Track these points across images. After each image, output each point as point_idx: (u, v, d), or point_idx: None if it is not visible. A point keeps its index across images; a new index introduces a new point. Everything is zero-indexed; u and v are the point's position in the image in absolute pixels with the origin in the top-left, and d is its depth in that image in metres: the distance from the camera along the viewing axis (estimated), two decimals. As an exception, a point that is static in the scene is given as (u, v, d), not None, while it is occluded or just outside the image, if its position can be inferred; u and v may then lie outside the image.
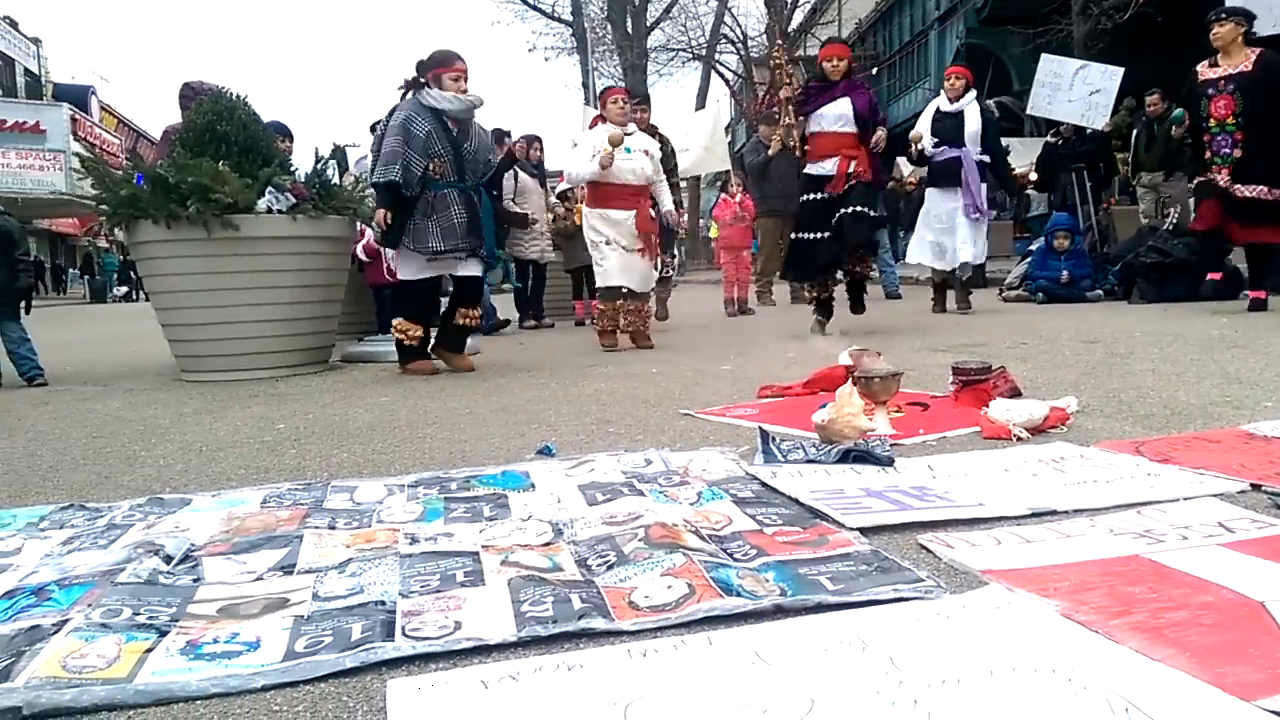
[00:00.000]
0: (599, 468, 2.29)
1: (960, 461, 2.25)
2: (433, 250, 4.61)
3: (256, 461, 2.68)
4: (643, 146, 5.69)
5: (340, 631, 1.32)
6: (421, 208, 4.60)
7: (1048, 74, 8.66)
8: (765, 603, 1.36)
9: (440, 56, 4.70)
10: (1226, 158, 5.70)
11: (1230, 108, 5.66)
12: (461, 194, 4.69)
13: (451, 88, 4.62)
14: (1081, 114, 8.47)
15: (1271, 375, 3.35)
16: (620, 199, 5.57)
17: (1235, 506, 1.76)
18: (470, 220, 4.69)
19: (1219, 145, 5.73)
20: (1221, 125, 5.72)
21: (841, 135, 5.56)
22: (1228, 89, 5.70)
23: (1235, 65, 5.71)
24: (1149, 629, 1.22)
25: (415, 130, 4.53)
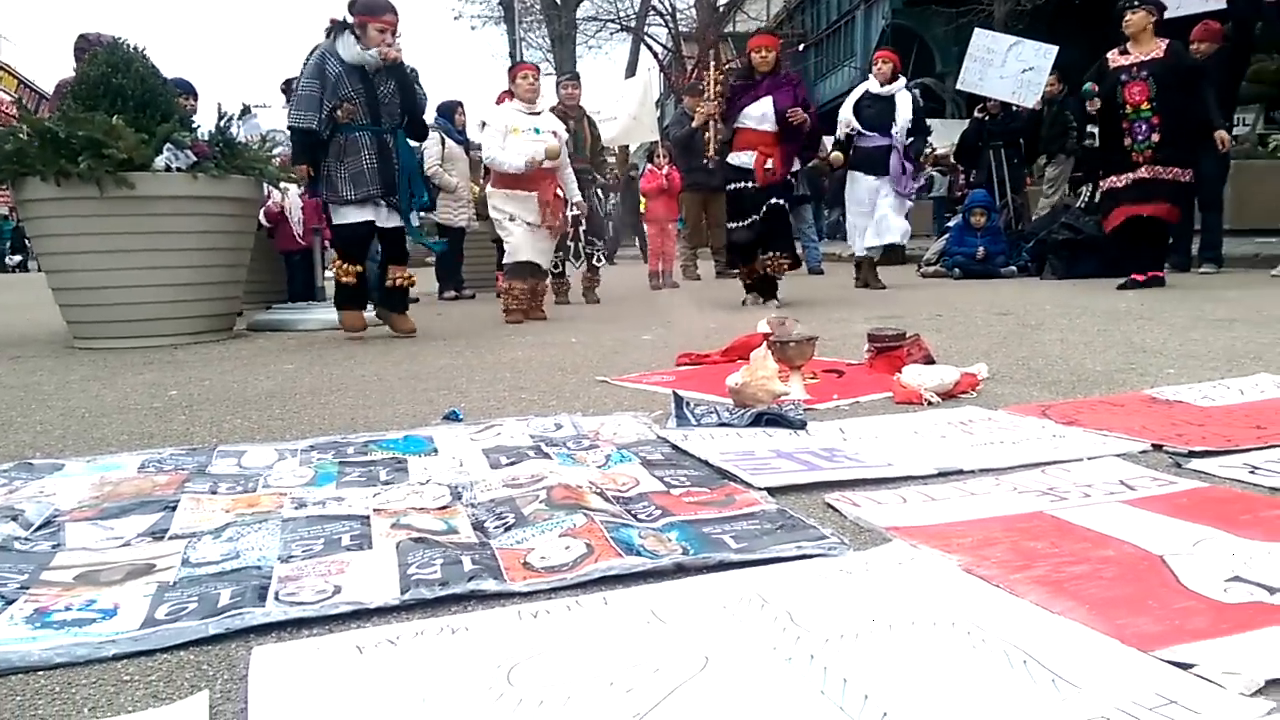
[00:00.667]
0: (506, 432, 2.21)
1: (871, 424, 2.23)
2: (343, 199, 4.50)
3: (142, 428, 2.52)
4: (550, 127, 5.55)
5: (207, 597, 1.23)
6: (334, 152, 4.49)
7: (980, 49, 8.68)
8: (665, 561, 1.30)
9: (369, 3, 4.49)
10: (1144, 143, 5.81)
11: (1145, 94, 5.78)
12: (375, 138, 4.53)
13: (375, 39, 4.45)
14: (1013, 91, 8.52)
15: (1174, 345, 3.43)
16: (525, 181, 5.41)
17: (1137, 465, 1.77)
18: (382, 165, 4.53)
19: (1137, 131, 5.84)
20: (1138, 111, 5.83)
21: (760, 133, 5.66)
22: (1141, 75, 5.81)
23: (1147, 52, 5.83)
24: (1050, 582, 1.20)
25: (329, 71, 4.39)
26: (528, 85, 5.54)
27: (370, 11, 4.47)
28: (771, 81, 5.67)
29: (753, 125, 5.67)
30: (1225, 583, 1.18)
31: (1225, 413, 2.20)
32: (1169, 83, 5.75)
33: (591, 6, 27.42)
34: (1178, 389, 2.47)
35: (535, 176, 5.42)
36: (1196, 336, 3.62)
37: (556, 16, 25.57)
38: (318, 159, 4.51)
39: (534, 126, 5.42)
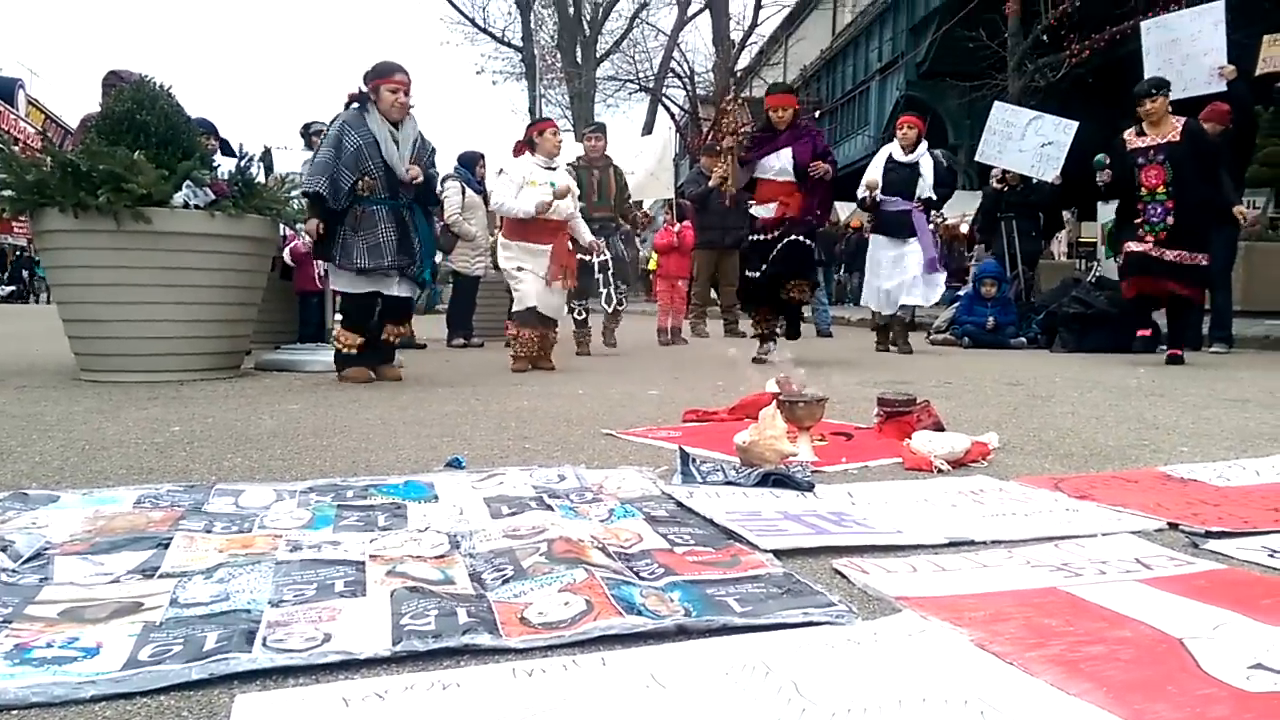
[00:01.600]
0: (508, 481, 2.18)
1: (880, 490, 2.19)
2: (358, 267, 4.56)
3: (141, 462, 2.49)
4: (565, 183, 5.62)
5: (192, 640, 1.19)
6: (350, 222, 4.56)
7: (1000, 122, 8.77)
8: (667, 623, 1.26)
9: (381, 68, 4.62)
10: (1157, 225, 5.83)
11: (1161, 177, 5.81)
12: (392, 211, 4.64)
13: (389, 99, 4.57)
14: (1031, 165, 8.59)
15: (1187, 422, 3.39)
16: (539, 234, 5.50)
17: (1153, 544, 1.72)
18: (400, 239, 4.63)
19: (1150, 214, 5.86)
20: (1153, 194, 5.86)
21: (780, 184, 5.70)
22: (1157, 159, 5.84)
23: (1163, 135, 5.87)
24: (1065, 662, 1.15)
25: (347, 143, 4.49)
26: (556, 142, 5.63)
27: (381, 75, 4.59)
28: (791, 133, 5.71)
29: (772, 177, 5.71)
30: (1248, 670, 1.13)
31: (1242, 493, 2.15)
32: (1185, 166, 5.78)
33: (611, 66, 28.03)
34: (1192, 467, 2.43)
35: (547, 229, 5.48)
36: (1209, 415, 3.58)
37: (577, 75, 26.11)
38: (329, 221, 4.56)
39: (550, 181, 5.49)
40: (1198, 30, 6.98)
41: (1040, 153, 8.44)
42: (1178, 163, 5.78)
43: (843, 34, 27.39)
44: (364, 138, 4.50)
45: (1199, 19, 7.13)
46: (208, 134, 6.09)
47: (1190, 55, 7.00)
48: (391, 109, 4.57)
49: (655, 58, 27.56)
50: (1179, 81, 6.72)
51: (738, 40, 25.60)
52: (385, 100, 4.57)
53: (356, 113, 4.58)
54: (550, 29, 28.21)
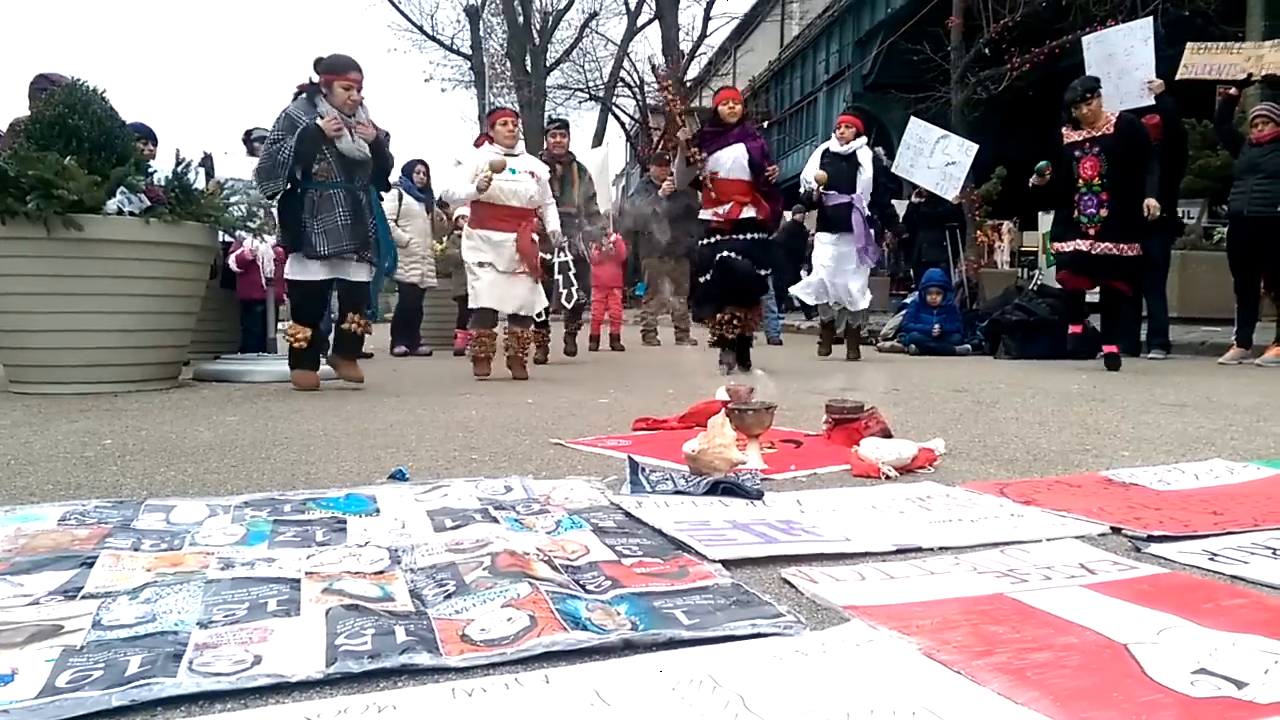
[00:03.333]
0: (453, 493, 2.13)
1: (829, 497, 2.19)
2: (318, 254, 4.60)
3: (69, 477, 2.40)
4: (528, 168, 5.60)
5: (114, 665, 1.13)
6: (307, 208, 4.59)
7: (913, 137, 8.93)
8: (613, 637, 1.23)
9: (335, 62, 4.67)
10: (1093, 217, 5.96)
11: (1096, 169, 5.95)
12: (347, 194, 4.66)
13: (342, 96, 4.62)
14: (936, 183, 8.75)
15: (1127, 427, 3.46)
16: (501, 220, 5.45)
17: (1096, 549, 1.74)
18: (355, 222, 4.66)
19: (1085, 205, 6.00)
20: (1089, 185, 5.99)
21: (735, 182, 5.60)
22: (1093, 151, 5.99)
23: (1098, 129, 6.01)
24: (1012, 670, 1.15)
25: (299, 121, 4.53)
26: (508, 131, 5.60)
27: (335, 70, 4.63)
28: (741, 130, 5.67)
29: (724, 174, 5.60)
30: (1192, 675, 1.13)
31: (1181, 497, 2.19)
32: (1120, 158, 5.93)
33: (561, 75, 28.02)
34: (1134, 471, 2.47)
35: (510, 216, 5.43)
36: (1149, 420, 3.65)
37: (526, 83, 26.04)
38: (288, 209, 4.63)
39: (510, 167, 5.45)
40: (1130, 45, 7.18)
41: (944, 171, 8.61)
42: (1112, 154, 5.92)
43: (790, 46, 27.70)
44: (311, 118, 4.55)
45: (1131, 34, 7.33)
46: (144, 139, 5.94)
47: (1125, 69, 7.20)
48: (345, 104, 4.63)
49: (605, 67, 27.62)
50: (1116, 94, 6.89)
51: (687, 50, 25.74)
52: (338, 97, 4.62)
53: (305, 102, 4.62)
54: (500, 37, 28.12)
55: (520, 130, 5.80)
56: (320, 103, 4.60)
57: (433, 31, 28.04)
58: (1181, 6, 12.28)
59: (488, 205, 5.43)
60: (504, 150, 5.56)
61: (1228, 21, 11.88)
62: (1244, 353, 6.85)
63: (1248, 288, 6.94)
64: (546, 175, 5.88)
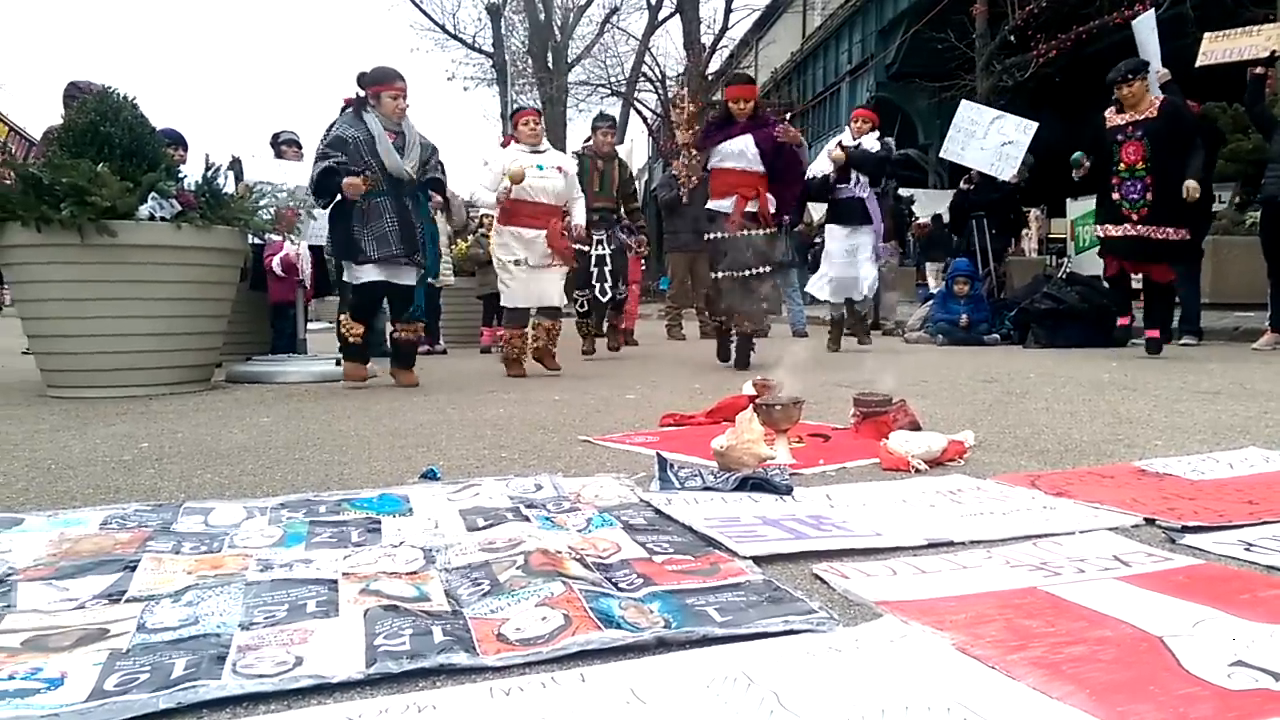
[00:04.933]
0: (484, 492, 2.15)
1: (858, 491, 2.19)
2: (370, 258, 4.77)
3: (108, 481, 2.44)
4: (556, 164, 5.68)
5: (160, 667, 1.16)
6: (356, 216, 4.76)
7: (965, 120, 8.84)
8: (646, 635, 1.24)
9: (380, 73, 4.85)
10: (1136, 203, 5.85)
11: (1140, 153, 5.84)
12: (394, 202, 4.83)
13: (390, 105, 4.81)
14: (991, 163, 8.67)
15: (1160, 416, 3.42)
16: (531, 217, 5.52)
17: (1130, 540, 1.73)
18: (403, 228, 4.83)
19: (1128, 190, 5.89)
20: (1132, 170, 5.88)
21: (739, 173, 5.36)
22: (1136, 135, 5.87)
23: (1141, 112, 5.89)
24: (1047, 664, 1.15)
25: (348, 139, 4.71)
26: (529, 130, 5.68)
27: (381, 81, 4.82)
28: (750, 122, 5.39)
29: (731, 164, 5.38)
30: (1229, 667, 1.13)
31: (1216, 486, 2.17)
32: (1164, 143, 5.80)
33: (583, 71, 28.01)
34: (1167, 461, 2.44)
35: (538, 212, 5.50)
36: (1182, 408, 3.61)
37: (548, 80, 26.06)
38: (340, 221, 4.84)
39: (537, 164, 5.55)
40: (1143, 39, 7.10)
41: (1000, 151, 8.52)
42: (1156, 139, 5.80)
43: (812, 37, 27.50)
44: (361, 134, 4.73)
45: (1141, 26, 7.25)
46: (174, 144, 6.01)
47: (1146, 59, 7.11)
48: (394, 113, 4.82)
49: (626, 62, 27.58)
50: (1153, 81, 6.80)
51: (708, 44, 25.65)
52: (387, 106, 4.80)
53: (351, 115, 4.80)
54: (521, 34, 28.14)
55: (543, 128, 5.86)
56: (367, 116, 4.76)
57: (454, 30, 28.11)
58: (1211, -12, 12.07)
59: (517, 202, 5.49)
60: (529, 148, 5.63)
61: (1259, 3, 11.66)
62: (1278, 338, 6.75)
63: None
64: (574, 170, 5.92)
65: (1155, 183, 5.80)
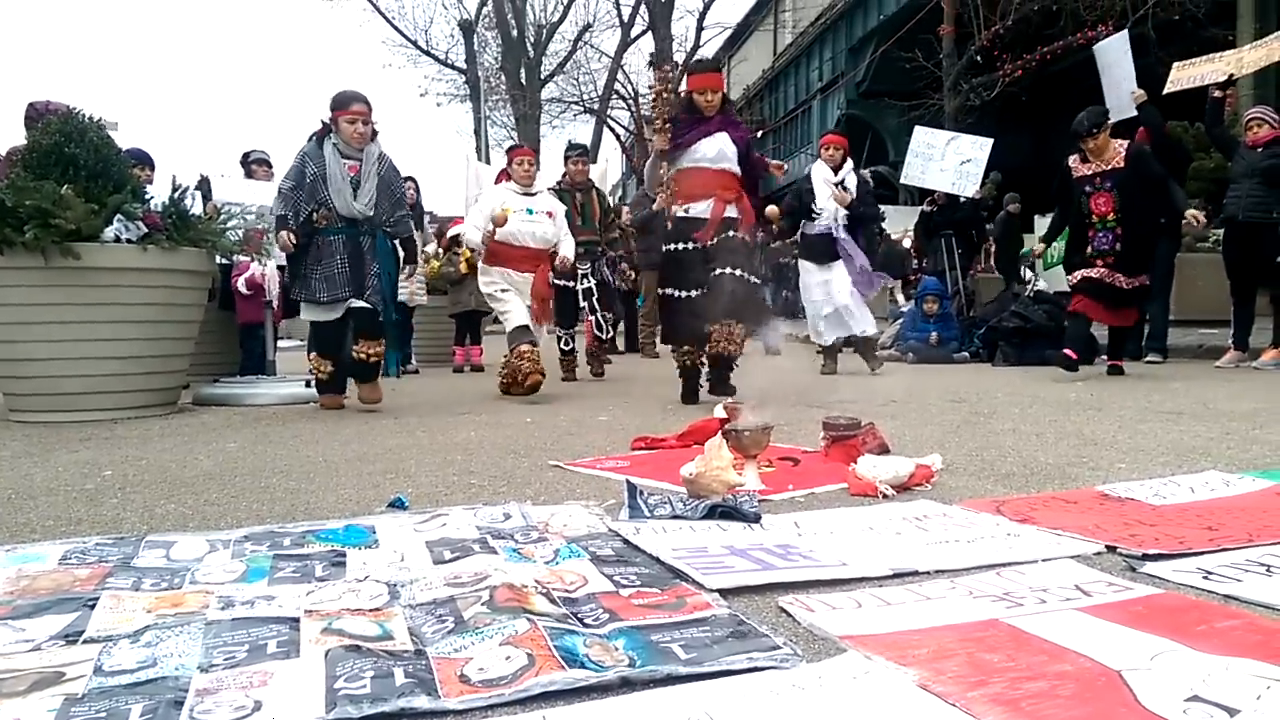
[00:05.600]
0: (452, 522, 2.14)
1: (826, 519, 2.20)
2: (318, 300, 4.69)
3: (69, 512, 2.41)
4: (546, 208, 5.66)
5: (116, 714, 1.14)
6: (311, 254, 4.69)
7: (921, 145, 9.03)
8: (610, 675, 1.24)
9: (339, 99, 4.73)
10: (1107, 252, 5.92)
11: (1110, 205, 5.89)
12: (349, 240, 4.72)
13: (348, 130, 4.68)
14: (953, 182, 8.83)
15: (1125, 437, 3.47)
16: (519, 261, 5.53)
17: (1092, 569, 1.75)
18: (353, 268, 4.71)
19: (1100, 241, 5.95)
20: (1103, 221, 5.93)
21: (717, 173, 4.68)
22: (1105, 186, 5.92)
23: (1108, 162, 5.92)
24: (1006, 701, 1.16)
25: (307, 173, 4.64)
26: (523, 171, 5.68)
27: (339, 106, 4.70)
28: (724, 118, 4.78)
29: (706, 164, 4.69)
30: (1184, 703, 1.14)
31: (1177, 512, 2.20)
32: (1132, 192, 5.86)
33: (556, 88, 28.10)
34: (1129, 485, 2.48)
35: (527, 257, 5.51)
36: (1145, 429, 3.66)
37: (521, 96, 26.12)
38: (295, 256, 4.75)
39: (527, 207, 5.54)
40: (1116, 59, 7.24)
41: (960, 170, 8.68)
42: (1124, 189, 5.86)
43: (784, 54, 27.81)
44: (320, 169, 4.65)
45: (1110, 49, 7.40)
46: (141, 164, 5.96)
47: (1113, 82, 7.26)
48: (351, 139, 4.69)
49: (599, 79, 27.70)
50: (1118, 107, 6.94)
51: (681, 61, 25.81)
52: (345, 131, 4.68)
53: (315, 145, 4.71)
54: (494, 51, 28.21)
55: (538, 170, 5.83)
56: (326, 145, 4.69)
57: (427, 46, 28.11)
58: (1172, 11, 12.33)
59: (505, 246, 5.48)
60: (521, 189, 5.64)
61: (1217, 24, 11.93)
62: (1241, 356, 6.87)
63: (1243, 291, 6.96)
64: (563, 213, 5.89)
65: (1125, 233, 5.87)
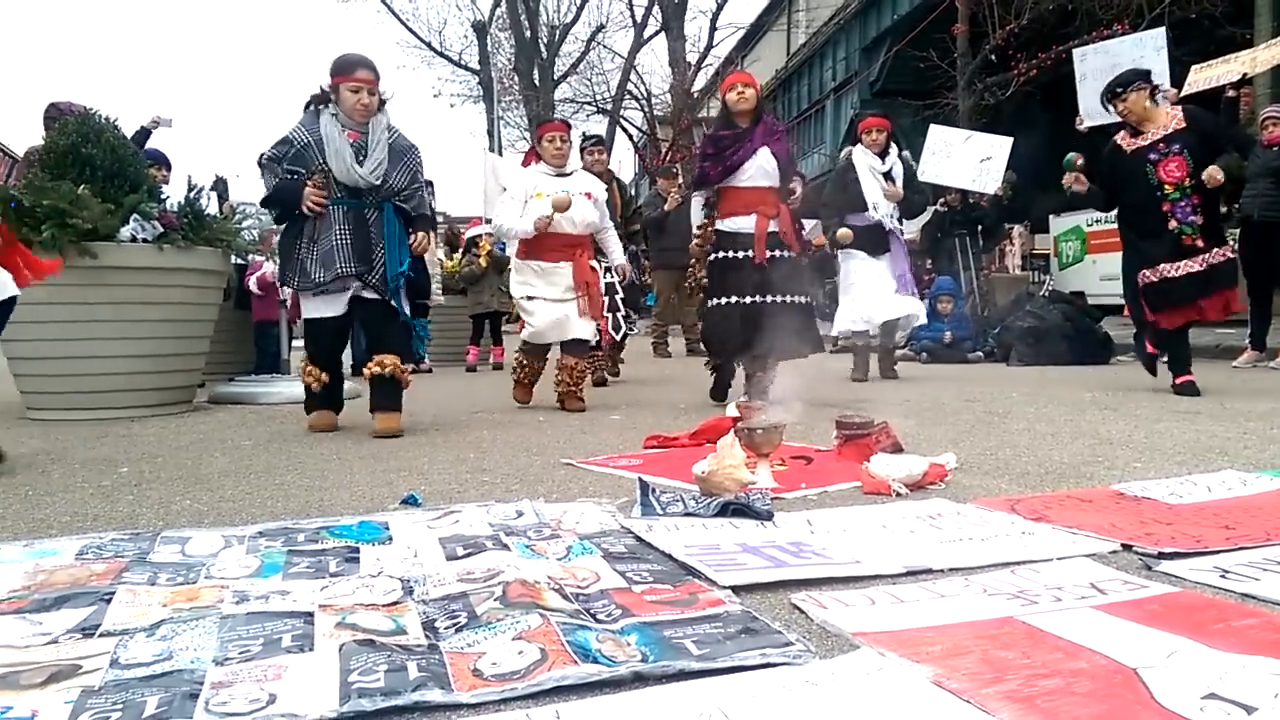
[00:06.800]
0: (465, 519, 2.14)
1: (839, 517, 2.19)
2: (314, 283, 3.89)
3: (87, 508, 2.43)
4: (584, 189, 4.91)
5: (132, 706, 1.15)
6: (307, 233, 3.92)
7: (938, 143, 8.95)
8: (623, 670, 1.24)
9: (341, 62, 3.97)
10: (1193, 225, 4.91)
11: (1184, 169, 4.94)
12: (351, 212, 3.90)
13: (350, 101, 3.90)
14: (972, 180, 8.73)
15: (1140, 437, 3.44)
16: (555, 250, 4.80)
17: (1107, 567, 1.74)
18: (358, 243, 3.88)
19: (1182, 212, 4.95)
20: (1180, 189, 4.96)
21: (758, 190, 4.64)
22: (1174, 150, 5.00)
23: (1166, 126, 5.08)
24: (1021, 698, 1.15)
25: (294, 139, 3.93)
26: (554, 149, 4.90)
27: (341, 72, 3.95)
28: (764, 128, 4.70)
29: (750, 183, 4.64)
30: (1201, 700, 1.14)
31: (1194, 511, 2.18)
32: (1203, 153, 4.97)
33: (569, 88, 28.10)
34: (1145, 485, 2.46)
35: (561, 244, 4.80)
36: (1162, 429, 3.63)
37: (535, 98, 26.15)
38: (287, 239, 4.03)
39: (562, 189, 4.78)
40: (1140, 55, 7.15)
41: (980, 168, 8.59)
42: (1195, 150, 4.97)
43: (797, 54, 27.72)
44: (312, 135, 3.91)
45: (1141, 45, 7.32)
46: (158, 164, 6.01)
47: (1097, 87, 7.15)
48: (354, 111, 3.92)
49: (612, 80, 27.68)
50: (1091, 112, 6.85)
51: (694, 62, 25.79)
52: (346, 101, 3.91)
53: (311, 113, 4.00)
54: (507, 52, 28.25)
55: (571, 146, 5.07)
56: (323, 114, 3.96)
57: (440, 47, 28.18)
58: (1188, 9, 12.23)
59: (539, 235, 4.76)
60: (554, 170, 4.90)
61: (1235, 23, 11.82)
62: (1258, 356, 6.81)
63: (1261, 291, 6.90)
64: (604, 194, 5.11)
65: (1204, 200, 4.97)
